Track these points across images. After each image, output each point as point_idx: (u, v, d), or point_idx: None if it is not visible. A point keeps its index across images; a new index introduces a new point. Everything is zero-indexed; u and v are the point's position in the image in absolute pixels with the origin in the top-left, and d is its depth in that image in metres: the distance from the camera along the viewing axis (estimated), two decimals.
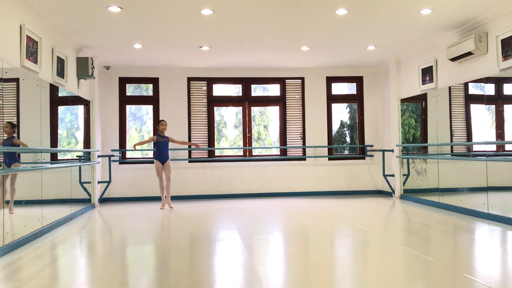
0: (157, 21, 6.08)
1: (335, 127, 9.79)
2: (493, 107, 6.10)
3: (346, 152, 9.94)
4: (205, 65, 8.98)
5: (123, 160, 9.02)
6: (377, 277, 3.46)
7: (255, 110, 9.71)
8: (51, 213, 5.81)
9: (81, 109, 7.62)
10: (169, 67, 9.08)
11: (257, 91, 9.75)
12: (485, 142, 6.14)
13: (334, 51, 8.01)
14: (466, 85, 6.65)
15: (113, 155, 8.67)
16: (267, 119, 9.90)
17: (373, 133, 9.63)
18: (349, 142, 9.99)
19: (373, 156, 9.55)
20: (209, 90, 9.34)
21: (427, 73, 7.54)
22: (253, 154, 9.50)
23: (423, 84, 7.70)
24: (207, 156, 9.25)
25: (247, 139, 9.44)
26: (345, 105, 9.87)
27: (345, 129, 9.93)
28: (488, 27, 6.01)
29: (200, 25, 6.24)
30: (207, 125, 9.29)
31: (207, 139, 9.26)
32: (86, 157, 7.73)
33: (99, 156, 8.33)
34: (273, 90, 9.68)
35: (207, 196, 9.08)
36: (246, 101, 9.47)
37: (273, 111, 9.74)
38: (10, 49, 4.83)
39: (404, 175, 8.42)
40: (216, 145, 9.41)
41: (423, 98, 7.81)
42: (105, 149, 8.80)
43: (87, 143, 7.80)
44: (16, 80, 5.01)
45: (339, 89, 9.79)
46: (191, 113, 9.25)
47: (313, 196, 9.18)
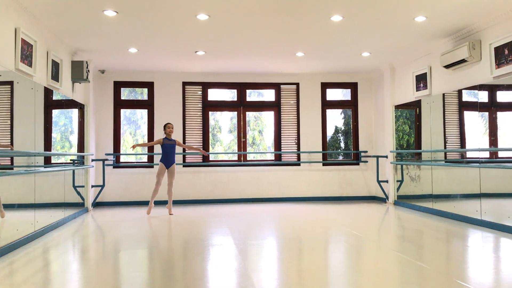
0: (152, 26, 6.08)
1: (330, 132, 9.81)
2: (487, 114, 6.15)
3: (340, 157, 9.97)
4: (201, 70, 8.99)
5: (117, 164, 8.98)
6: (371, 283, 3.46)
7: (250, 115, 9.72)
8: (44, 217, 5.77)
9: (75, 112, 7.59)
10: (164, 72, 9.08)
11: (252, 96, 9.76)
12: (479, 149, 6.18)
13: (329, 57, 8.05)
14: (459, 92, 6.70)
15: (107, 159, 8.62)
16: (262, 124, 9.91)
17: (367, 139, 9.67)
18: (343, 147, 10.01)
19: (367, 162, 9.58)
20: (204, 94, 9.34)
21: (421, 80, 7.59)
22: (248, 159, 9.49)
23: (417, 90, 7.74)
24: (201, 160, 9.24)
25: (242, 144, 9.44)
26: (340, 111, 9.91)
27: (340, 134, 9.96)
28: (481, 35, 6.07)
29: (195, 30, 6.25)
30: (201, 129, 9.28)
31: (201, 144, 9.25)
32: (80, 161, 7.70)
33: (93, 160, 8.29)
34: (268, 95, 9.70)
35: (201, 200, 9.06)
36: (241, 106, 9.48)
37: (268, 116, 9.75)
38: (4, 52, 4.81)
39: (398, 181, 8.45)
40: (210, 150, 9.40)
41: (417, 104, 7.85)
42: (99, 153, 8.76)
43: (81, 147, 7.77)
44: (10, 83, 5.00)
45: (333, 95, 9.82)
46: (186, 118, 9.24)
47: (307, 201, 9.18)
